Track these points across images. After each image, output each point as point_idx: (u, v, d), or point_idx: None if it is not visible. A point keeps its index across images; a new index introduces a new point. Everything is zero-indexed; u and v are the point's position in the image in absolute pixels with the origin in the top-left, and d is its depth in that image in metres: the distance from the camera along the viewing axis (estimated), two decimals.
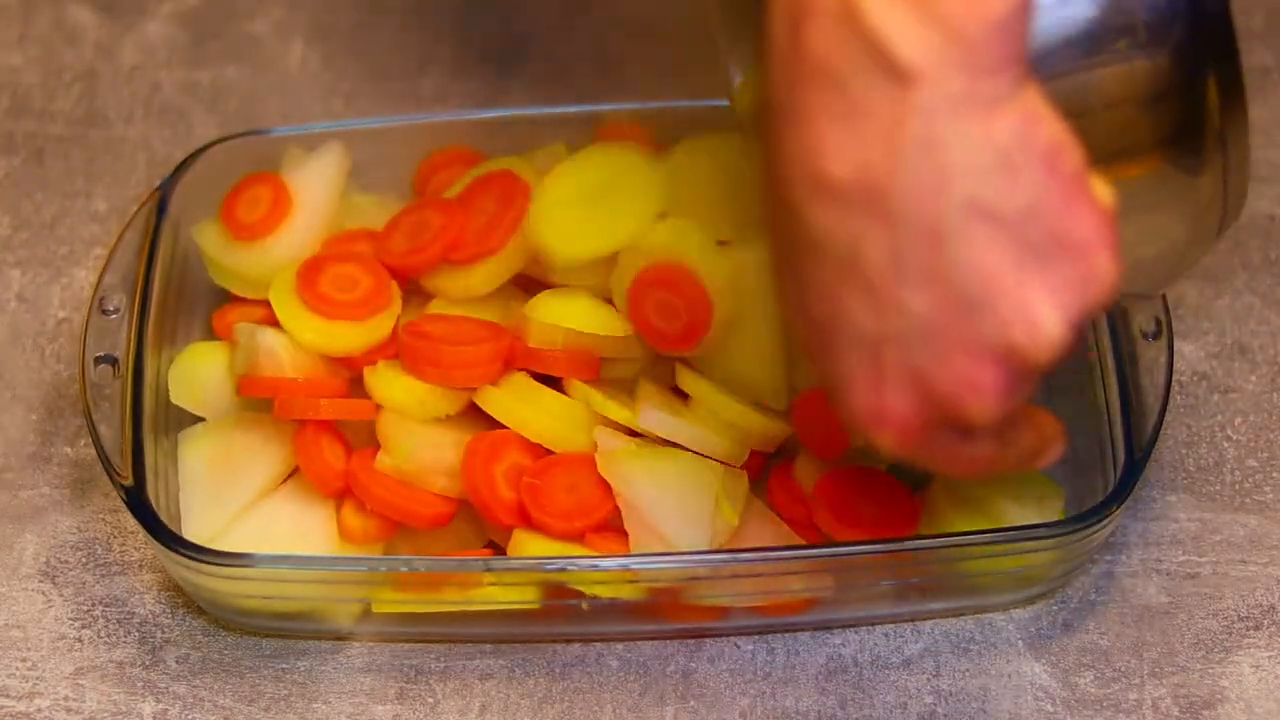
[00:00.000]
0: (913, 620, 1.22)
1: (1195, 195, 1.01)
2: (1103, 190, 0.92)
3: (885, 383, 0.94)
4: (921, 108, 0.88)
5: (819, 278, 0.94)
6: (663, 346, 1.22)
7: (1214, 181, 1.01)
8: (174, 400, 1.25)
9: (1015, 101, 0.89)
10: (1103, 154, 0.93)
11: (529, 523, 1.18)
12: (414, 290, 1.27)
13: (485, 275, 1.25)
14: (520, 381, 1.21)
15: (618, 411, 1.20)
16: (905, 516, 1.19)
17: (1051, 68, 0.94)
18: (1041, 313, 0.91)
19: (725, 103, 1.35)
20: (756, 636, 1.22)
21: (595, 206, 1.24)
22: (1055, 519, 1.18)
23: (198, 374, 1.26)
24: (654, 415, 1.19)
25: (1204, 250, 1.06)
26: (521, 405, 1.20)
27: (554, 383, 1.22)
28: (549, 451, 1.20)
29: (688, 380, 1.21)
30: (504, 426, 1.21)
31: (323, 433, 1.22)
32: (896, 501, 1.20)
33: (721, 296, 1.20)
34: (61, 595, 1.24)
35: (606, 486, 1.18)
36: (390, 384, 1.21)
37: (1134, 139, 0.99)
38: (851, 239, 0.91)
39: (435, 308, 1.26)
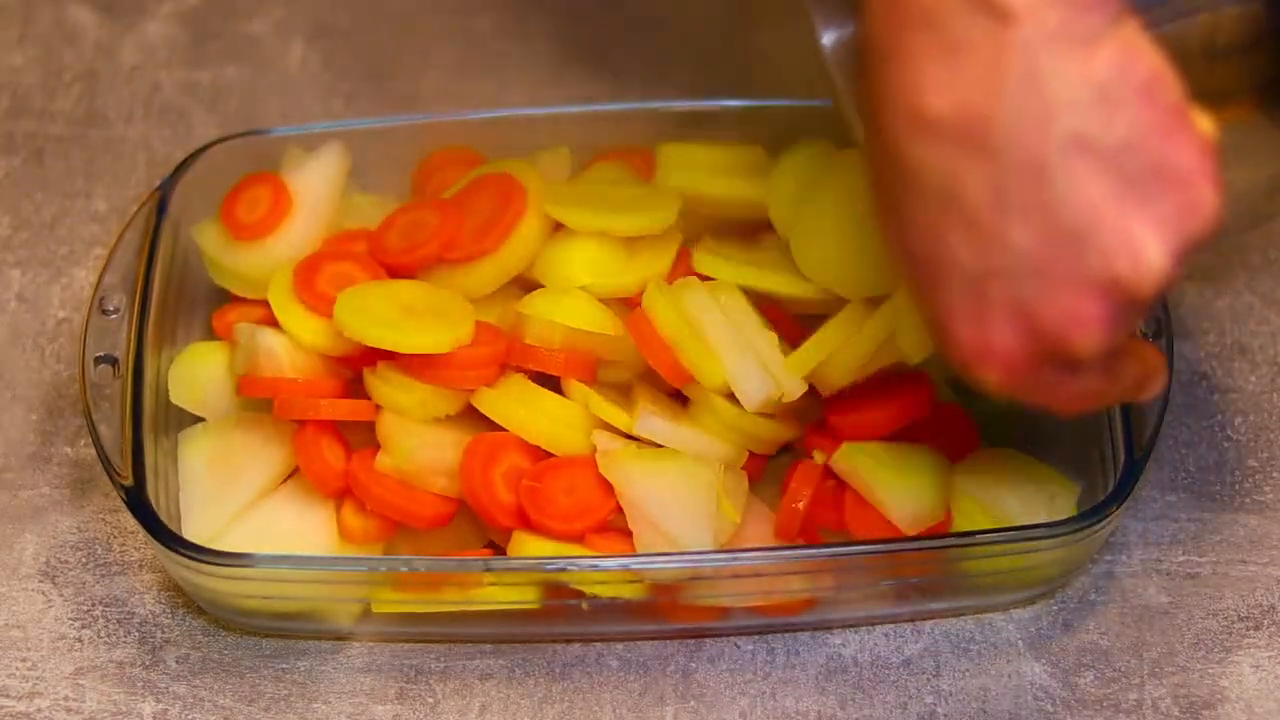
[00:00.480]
0: (913, 620, 1.22)
1: None
2: (1204, 122, 0.93)
3: (990, 318, 0.95)
4: (1021, 43, 0.90)
5: (921, 215, 0.95)
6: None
7: None
8: (174, 400, 1.25)
9: (1113, 36, 0.90)
10: (1198, 99, 0.94)
11: (528, 525, 1.18)
12: None
13: (484, 276, 1.25)
14: (518, 383, 1.21)
15: (616, 415, 1.20)
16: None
17: (1150, 12, 0.95)
18: (1145, 244, 0.91)
19: (726, 103, 1.36)
20: (756, 636, 1.22)
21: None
22: (1059, 518, 1.18)
23: (198, 374, 1.26)
24: (651, 422, 1.19)
25: None
26: (519, 407, 1.20)
27: (552, 386, 1.22)
28: (548, 453, 1.20)
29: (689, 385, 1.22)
30: (503, 427, 1.21)
31: (323, 433, 1.21)
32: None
33: None
34: (61, 595, 1.24)
35: (606, 487, 1.18)
36: (390, 384, 1.20)
37: (1228, 85, 1.00)
38: (953, 174, 0.92)
39: None
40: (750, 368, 1.20)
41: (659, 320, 1.20)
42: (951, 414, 1.23)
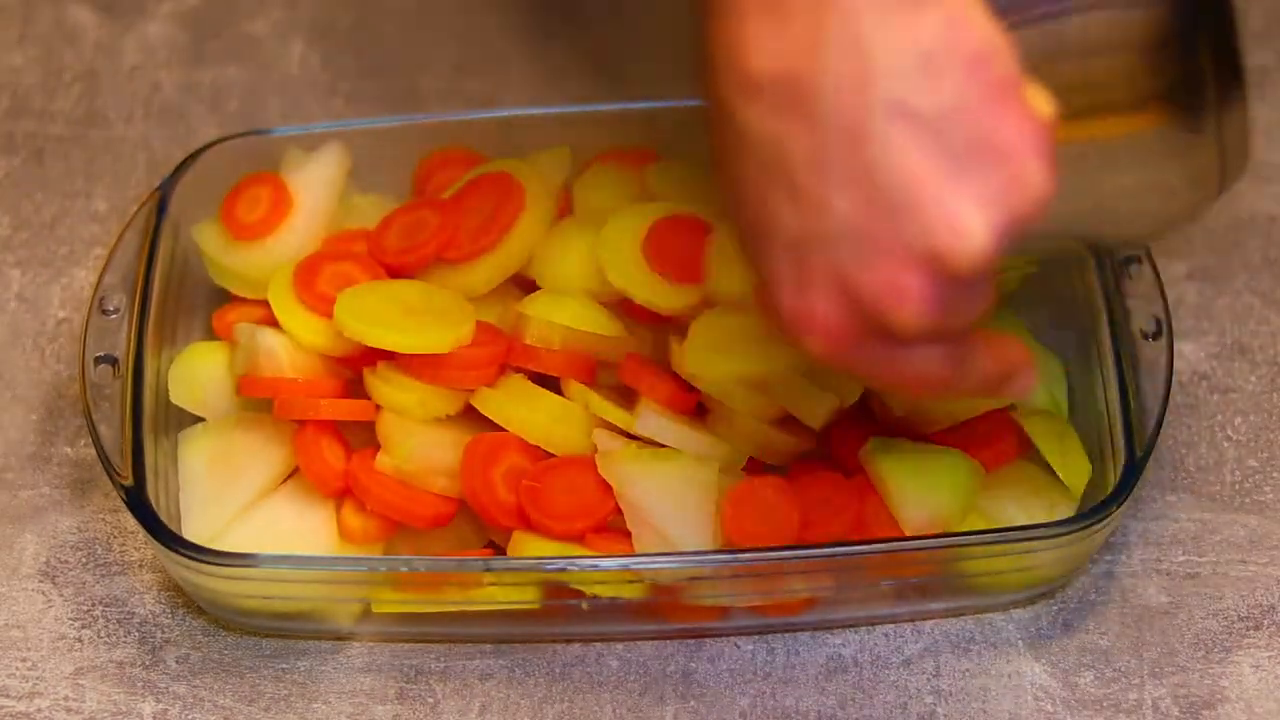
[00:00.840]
0: (913, 620, 1.22)
1: (1195, 150, 1.00)
2: (1040, 100, 0.91)
3: (810, 285, 0.93)
4: (844, 5, 0.88)
5: (749, 178, 0.93)
6: None
7: (1213, 138, 1.00)
8: (174, 400, 1.25)
9: (941, 3, 0.88)
10: (1099, 103, 0.93)
11: (528, 525, 1.18)
12: None
13: (482, 275, 1.25)
14: (517, 383, 1.21)
15: (616, 414, 1.20)
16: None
17: (1037, 9, 0.94)
18: (966, 219, 0.89)
19: None
20: (756, 636, 1.21)
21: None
22: (1057, 519, 1.18)
23: (198, 374, 1.26)
24: (652, 420, 1.19)
25: (1207, 203, 1.04)
26: (519, 407, 1.20)
27: (551, 386, 1.22)
28: (547, 453, 1.20)
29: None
30: (503, 427, 1.21)
31: (323, 433, 1.21)
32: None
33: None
34: (61, 595, 1.24)
35: (605, 487, 1.18)
36: (390, 384, 1.20)
37: (1131, 90, 0.98)
38: (776, 137, 0.91)
39: None
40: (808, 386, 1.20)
41: None
42: (999, 421, 1.22)
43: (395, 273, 1.26)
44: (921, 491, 1.18)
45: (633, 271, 1.22)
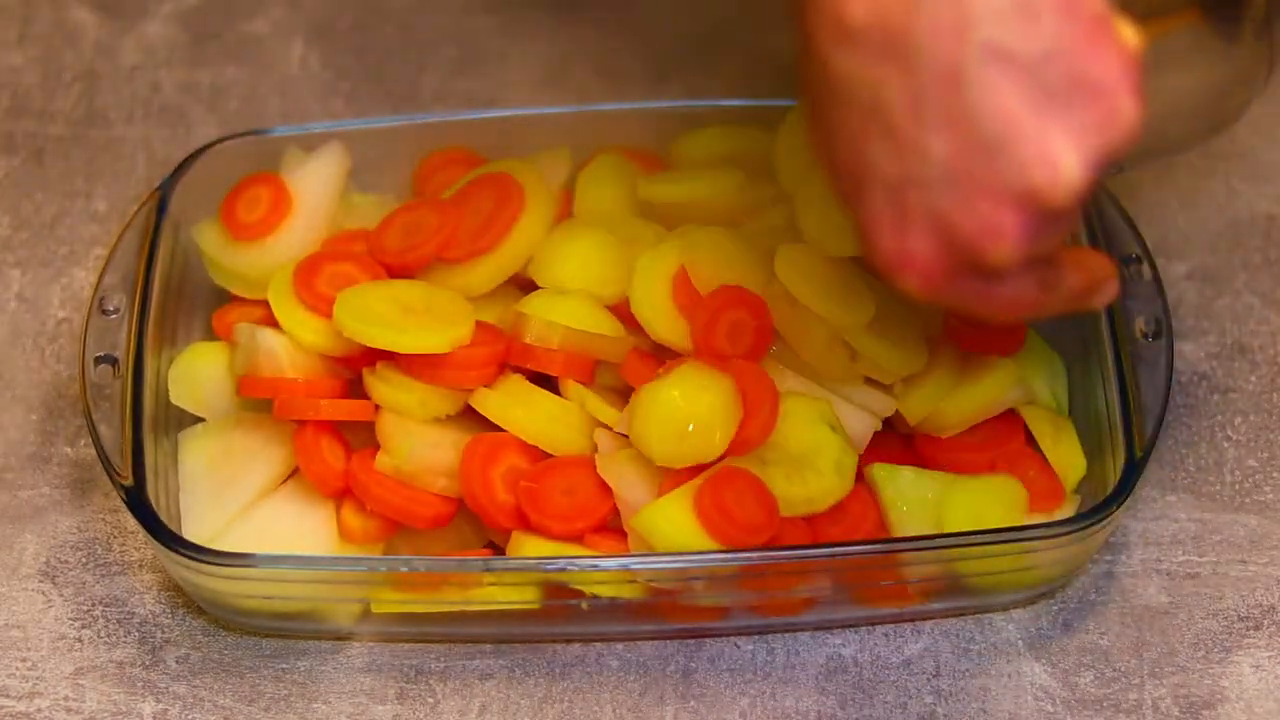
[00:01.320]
0: (913, 620, 1.22)
1: (1241, 48, 1.03)
2: (1127, 33, 0.93)
3: (908, 226, 0.96)
4: None
5: (845, 125, 0.95)
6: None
7: (1256, 36, 1.02)
8: (174, 400, 1.25)
9: None
10: (1154, 5, 0.95)
11: (527, 526, 1.18)
12: None
13: (482, 275, 1.25)
14: (515, 384, 1.21)
15: (613, 415, 1.19)
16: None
17: None
18: (1061, 155, 0.91)
19: (727, 103, 1.35)
20: (756, 636, 1.21)
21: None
22: (1057, 519, 1.19)
23: (198, 374, 1.26)
24: None
25: (1247, 103, 1.06)
26: (517, 407, 1.20)
27: (551, 386, 1.22)
28: (546, 454, 1.20)
29: None
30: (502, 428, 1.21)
31: (322, 433, 1.21)
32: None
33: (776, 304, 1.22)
34: (61, 595, 1.24)
35: (605, 488, 1.18)
36: (390, 384, 1.20)
37: None
38: (873, 83, 0.93)
39: None
40: (849, 410, 1.21)
41: None
42: (1009, 422, 1.23)
43: (395, 273, 1.26)
44: (923, 526, 1.18)
45: (661, 313, 1.23)
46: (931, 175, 0.93)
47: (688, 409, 1.16)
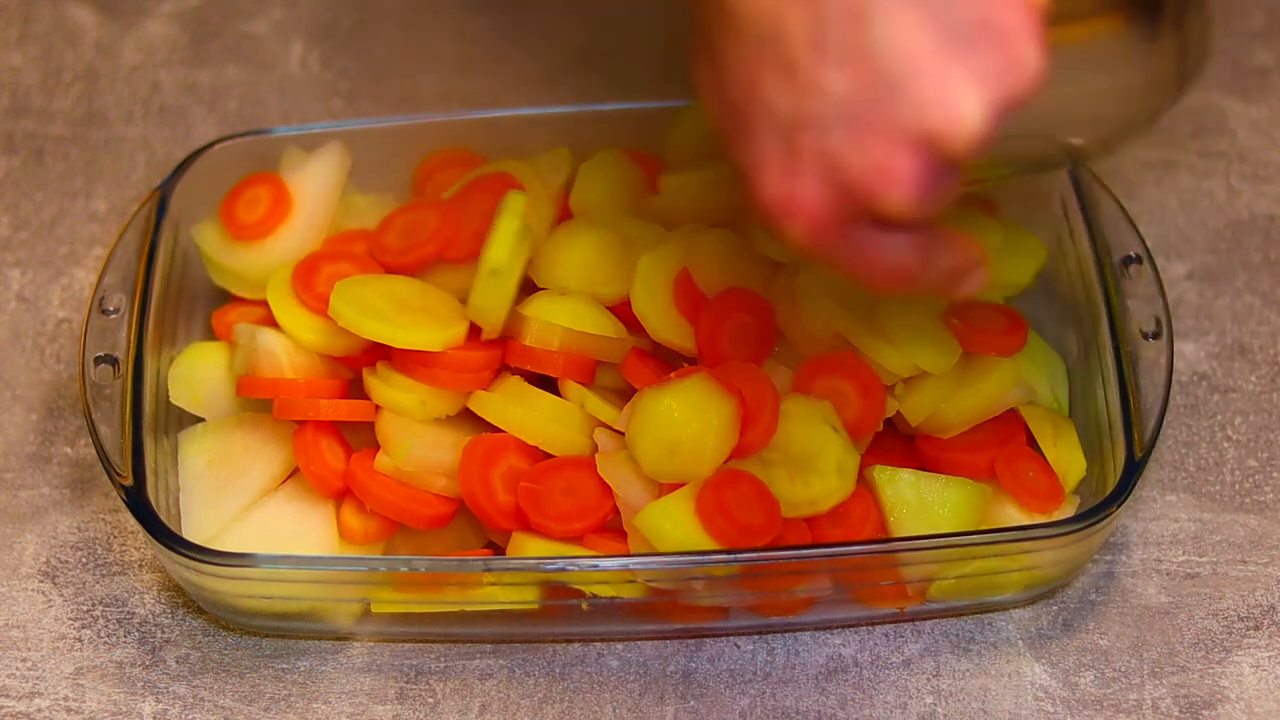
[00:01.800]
0: (913, 620, 1.22)
1: (1153, 55, 1.02)
2: None
3: (798, 168, 0.93)
4: None
5: (739, 59, 0.93)
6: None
7: (1170, 44, 1.01)
8: (174, 400, 1.25)
9: None
10: (1067, 9, 0.94)
11: (527, 526, 1.18)
12: None
13: None
14: (514, 385, 1.21)
15: (613, 415, 1.20)
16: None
17: None
18: (962, 98, 0.90)
19: None
20: (756, 636, 1.22)
21: None
22: (1057, 519, 1.19)
23: (198, 374, 1.26)
24: None
25: (1166, 106, 1.05)
26: (516, 408, 1.20)
27: (550, 386, 1.22)
28: (546, 454, 1.20)
29: None
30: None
31: (322, 433, 1.22)
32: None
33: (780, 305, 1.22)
34: (61, 595, 1.24)
35: (604, 488, 1.18)
36: (389, 384, 1.21)
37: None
38: (773, 15, 0.91)
39: None
40: None
41: None
42: (1010, 422, 1.23)
43: (394, 273, 1.26)
44: (923, 529, 1.18)
45: (662, 314, 1.23)
46: (827, 113, 0.91)
47: (682, 424, 1.16)
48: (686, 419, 1.16)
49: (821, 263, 0.97)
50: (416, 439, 1.20)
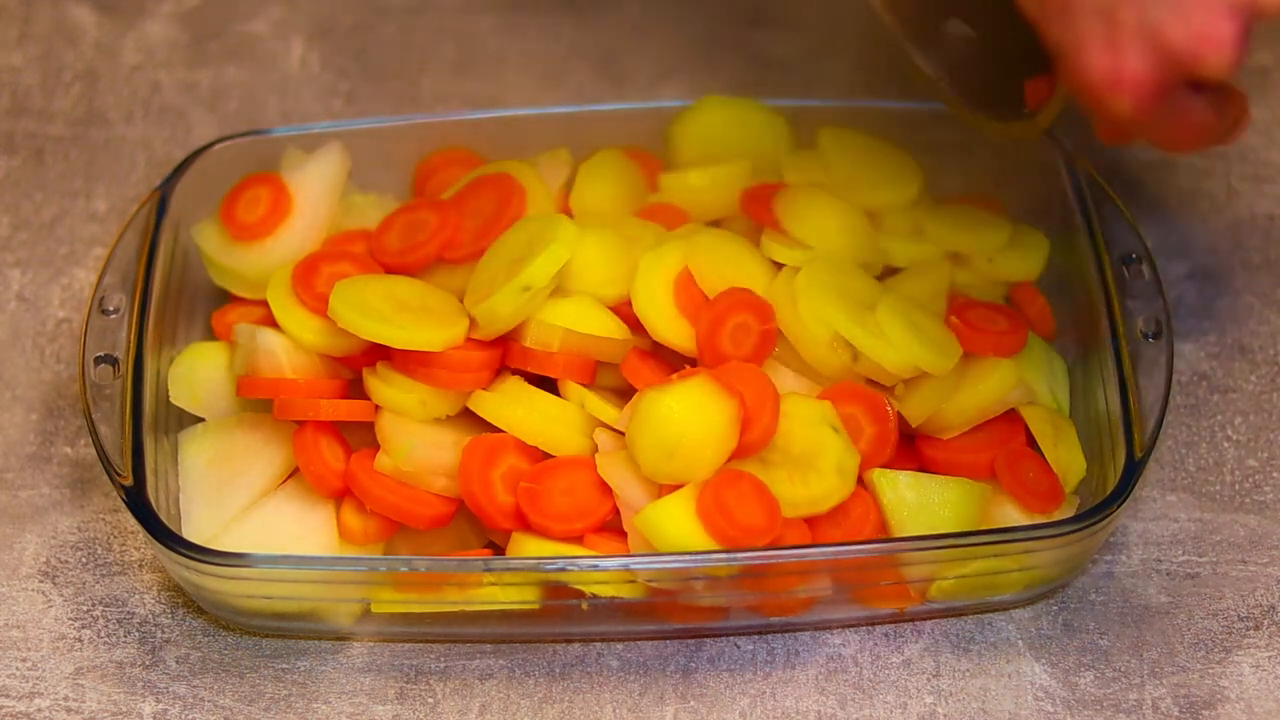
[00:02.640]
0: (913, 620, 1.22)
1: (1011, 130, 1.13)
2: None
3: (1122, 42, 0.99)
4: None
5: None
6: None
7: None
8: (174, 400, 1.25)
9: None
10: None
11: (527, 526, 1.18)
12: None
13: None
14: (514, 385, 1.22)
15: (613, 415, 1.20)
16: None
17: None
18: None
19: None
20: (756, 636, 1.22)
21: None
22: (1057, 519, 1.19)
23: (198, 374, 1.26)
24: None
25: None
26: (516, 409, 1.21)
27: (549, 387, 1.22)
28: (546, 454, 1.20)
29: None
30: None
31: (322, 433, 1.22)
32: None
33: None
34: (61, 595, 1.25)
35: (605, 488, 1.18)
36: (390, 385, 1.21)
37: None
38: None
39: None
40: None
41: None
42: (1010, 422, 1.23)
43: (395, 273, 1.26)
44: (923, 530, 1.18)
45: (662, 314, 1.23)
46: None
47: (682, 426, 1.16)
48: (687, 420, 1.16)
49: (1140, 133, 1.03)
50: (416, 439, 1.20)
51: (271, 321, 1.24)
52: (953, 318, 1.24)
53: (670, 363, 1.22)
